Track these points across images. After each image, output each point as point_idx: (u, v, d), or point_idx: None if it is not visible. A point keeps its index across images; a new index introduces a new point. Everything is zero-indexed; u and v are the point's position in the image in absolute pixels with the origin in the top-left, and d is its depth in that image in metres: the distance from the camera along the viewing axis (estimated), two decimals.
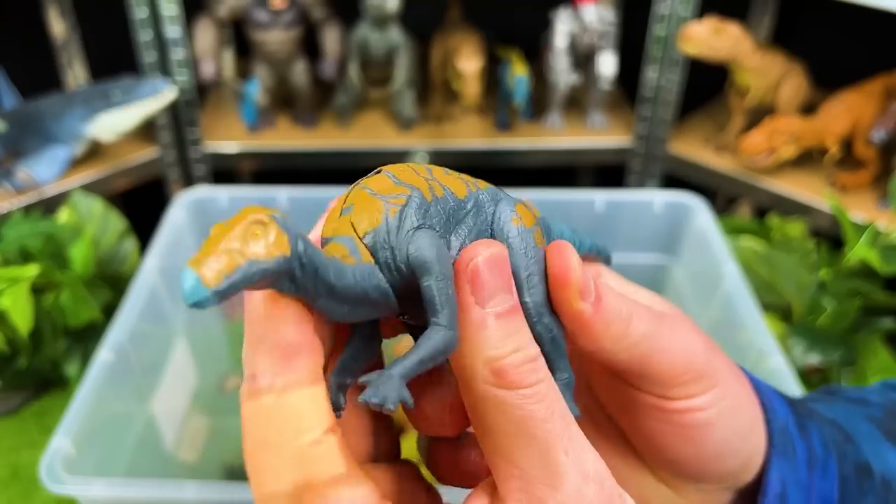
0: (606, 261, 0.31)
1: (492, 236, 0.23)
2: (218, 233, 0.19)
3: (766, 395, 0.28)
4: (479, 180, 0.25)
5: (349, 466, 0.20)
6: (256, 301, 0.21)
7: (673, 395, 0.25)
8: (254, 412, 0.20)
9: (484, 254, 0.21)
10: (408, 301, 0.22)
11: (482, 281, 0.21)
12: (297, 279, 0.20)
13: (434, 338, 0.20)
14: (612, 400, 0.28)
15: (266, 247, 0.19)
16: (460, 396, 0.23)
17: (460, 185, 0.23)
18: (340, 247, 0.21)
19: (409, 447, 0.63)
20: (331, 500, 0.19)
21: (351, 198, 0.22)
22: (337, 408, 0.22)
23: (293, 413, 0.20)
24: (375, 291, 0.21)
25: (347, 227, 0.22)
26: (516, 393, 0.20)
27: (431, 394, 0.24)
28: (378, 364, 0.25)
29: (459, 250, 0.23)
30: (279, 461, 0.19)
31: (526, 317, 0.22)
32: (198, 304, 0.18)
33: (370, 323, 0.23)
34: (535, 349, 0.21)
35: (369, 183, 0.22)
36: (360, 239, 0.21)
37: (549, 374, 0.21)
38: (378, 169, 0.23)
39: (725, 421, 0.25)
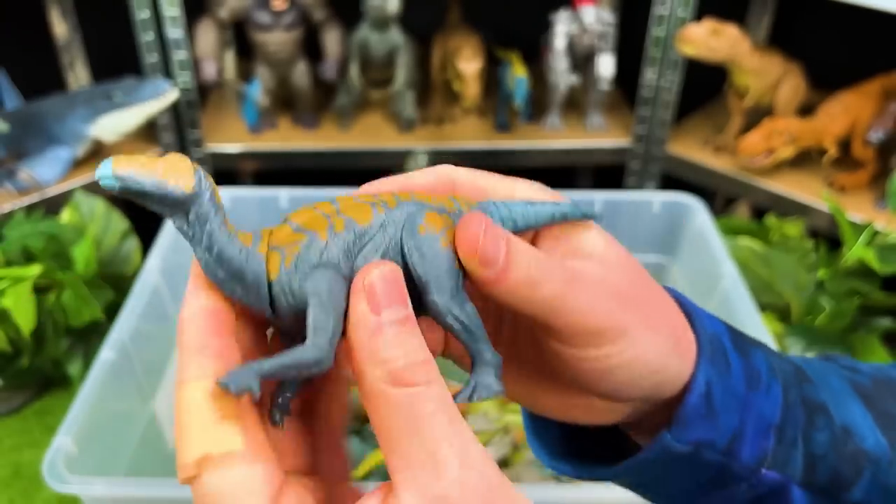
0: (594, 218, 0.30)
1: (402, 248, 0.26)
2: (158, 157, 0.23)
3: (697, 317, 0.30)
4: (405, 193, 0.27)
5: (249, 445, 0.23)
6: (189, 317, 0.25)
7: (571, 344, 0.27)
8: (176, 398, 0.24)
9: (376, 272, 0.24)
10: (290, 328, 0.25)
11: (376, 294, 0.24)
12: (190, 222, 0.24)
13: (301, 350, 0.23)
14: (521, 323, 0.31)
15: (178, 177, 0.23)
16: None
17: (366, 211, 0.26)
18: (249, 235, 0.25)
19: None
20: (218, 475, 0.23)
21: (272, 236, 0.25)
22: (273, 422, 0.26)
23: (196, 398, 0.23)
24: (252, 275, 0.24)
25: (266, 246, 0.25)
26: (405, 391, 0.23)
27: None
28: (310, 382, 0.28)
29: None
30: (187, 437, 0.23)
31: (435, 314, 0.26)
32: (101, 180, 0.23)
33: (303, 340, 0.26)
34: (424, 354, 0.24)
35: (274, 235, 0.25)
36: (269, 274, 0.25)
37: (438, 377, 0.24)
38: (284, 217, 0.26)
39: (622, 369, 0.27)
